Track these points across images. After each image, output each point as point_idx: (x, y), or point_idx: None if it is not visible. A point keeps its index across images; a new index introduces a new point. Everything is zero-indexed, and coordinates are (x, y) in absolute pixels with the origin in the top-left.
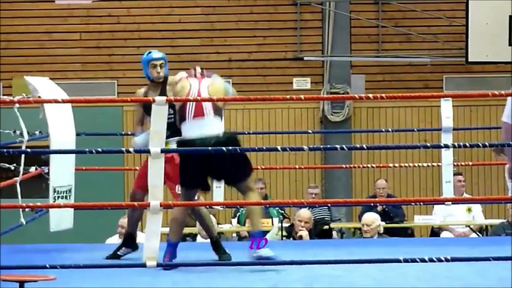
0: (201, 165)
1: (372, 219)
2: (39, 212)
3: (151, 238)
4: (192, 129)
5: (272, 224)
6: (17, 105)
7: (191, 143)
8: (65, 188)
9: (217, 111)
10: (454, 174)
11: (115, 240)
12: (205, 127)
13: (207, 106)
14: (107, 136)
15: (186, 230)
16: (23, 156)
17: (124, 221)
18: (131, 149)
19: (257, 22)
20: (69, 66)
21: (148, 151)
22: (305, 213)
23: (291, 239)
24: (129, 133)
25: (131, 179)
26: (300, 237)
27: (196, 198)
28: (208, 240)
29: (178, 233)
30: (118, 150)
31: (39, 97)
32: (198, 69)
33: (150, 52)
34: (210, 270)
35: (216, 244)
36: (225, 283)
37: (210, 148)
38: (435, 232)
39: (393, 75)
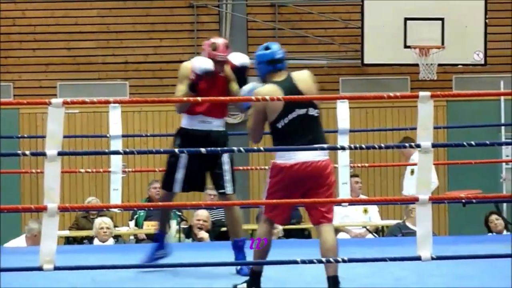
0: None
1: None
2: None
3: (47, 241)
4: None
5: (170, 226)
6: None
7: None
8: None
9: None
10: (351, 176)
11: (18, 243)
12: None
13: None
14: (3, 138)
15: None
16: None
17: (35, 227)
18: (27, 152)
19: (153, 24)
20: None
21: (44, 154)
22: (203, 212)
23: (191, 240)
24: (25, 136)
25: (27, 182)
26: (201, 239)
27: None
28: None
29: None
30: (14, 153)
31: None
32: None
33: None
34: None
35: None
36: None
37: None
38: None
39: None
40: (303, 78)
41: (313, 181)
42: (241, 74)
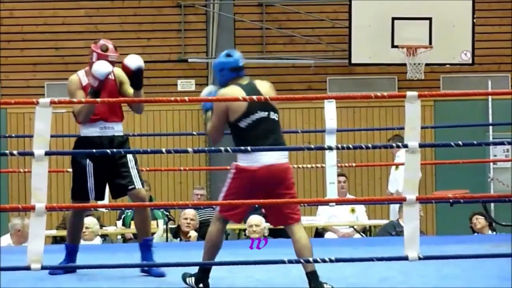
0: None
1: (260, 220)
2: None
3: (35, 241)
4: None
5: (157, 226)
6: None
7: None
8: None
9: None
10: (338, 175)
11: (3, 241)
12: None
13: None
14: None
15: None
16: None
17: (24, 222)
18: (15, 152)
19: (141, 24)
20: None
21: (32, 154)
22: (190, 211)
23: (178, 240)
24: (13, 135)
25: (15, 182)
26: (189, 238)
27: None
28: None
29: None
30: (2, 153)
31: None
32: None
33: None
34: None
35: None
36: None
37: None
38: (319, 232)
39: (277, 76)
40: (264, 85)
41: (277, 183)
42: (137, 77)
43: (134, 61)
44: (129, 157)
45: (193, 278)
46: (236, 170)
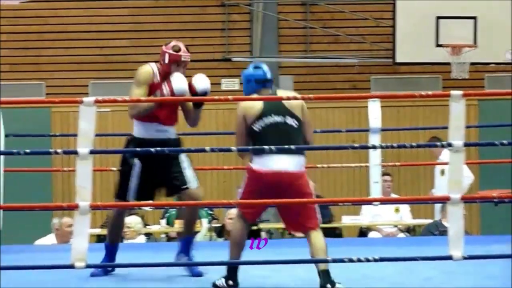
0: None
1: None
2: None
3: (79, 239)
4: None
5: (201, 225)
6: None
7: None
8: None
9: None
10: (382, 175)
11: (47, 240)
12: None
13: None
14: (35, 137)
15: None
16: None
17: (61, 221)
18: (59, 151)
19: (185, 23)
20: None
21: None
22: (234, 210)
23: (223, 239)
24: (57, 134)
25: (59, 180)
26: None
27: None
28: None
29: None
30: (46, 152)
31: None
32: None
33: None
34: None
35: None
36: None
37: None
38: (363, 232)
39: (321, 76)
40: (286, 94)
41: (283, 190)
42: (195, 109)
43: (202, 83)
44: (182, 157)
45: (223, 279)
46: (248, 172)
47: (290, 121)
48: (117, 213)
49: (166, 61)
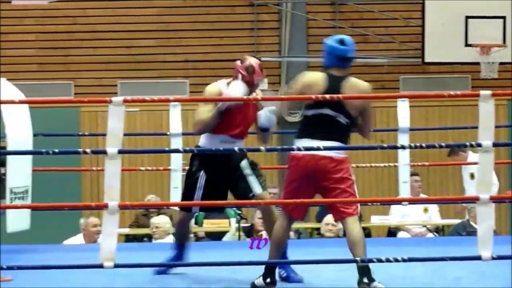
0: None
1: None
2: None
3: (108, 239)
4: None
5: (230, 224)
6: None
7: None
8: (22, 189)
9: None
10: (411, 175)
11: (76, 240)
12: None
13: None
14: (64, 137)
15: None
16: None
17: (87, 221)
18: (87, 150)
19: (213, 22)
20: (25, 67)
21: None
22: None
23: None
24: (86, 133)
25: (88, 180)
26: (261, 237)
27: None
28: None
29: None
30: (75, 151)
31: None
32: None
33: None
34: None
35: None
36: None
37: None
38: (392, 232)
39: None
40: (355, 87)
41: (319, 174)
42: (265, 131)
43: (266, 120)
44: (243, 164)
45: (260, 278)
46: (289, 158)
47: (340, 118)
48: (179, 221)
49: (239, 79)
